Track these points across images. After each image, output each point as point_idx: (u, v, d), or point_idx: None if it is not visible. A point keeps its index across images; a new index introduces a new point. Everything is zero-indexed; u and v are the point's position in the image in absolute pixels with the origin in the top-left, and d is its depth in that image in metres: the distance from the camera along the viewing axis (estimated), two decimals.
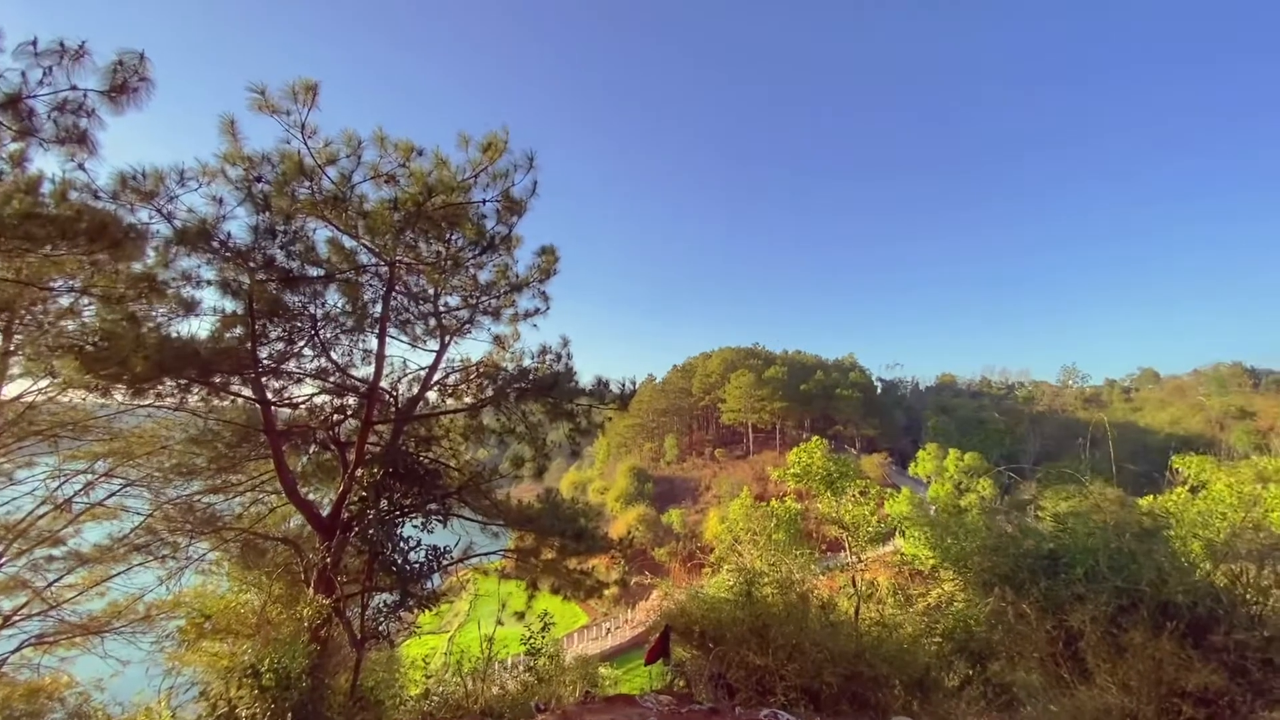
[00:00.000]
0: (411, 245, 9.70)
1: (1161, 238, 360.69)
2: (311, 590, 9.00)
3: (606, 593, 12.32)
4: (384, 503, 8.74)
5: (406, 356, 11.33)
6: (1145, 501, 17.07)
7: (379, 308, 10.12)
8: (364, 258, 9.90)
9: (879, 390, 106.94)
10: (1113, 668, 6.76)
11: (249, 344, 8.76)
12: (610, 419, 11.41)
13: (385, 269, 9.80)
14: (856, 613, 10.69)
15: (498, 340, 11.48)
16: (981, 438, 66.31)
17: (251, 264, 8.17)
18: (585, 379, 10.93)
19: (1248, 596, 7.10)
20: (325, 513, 9.58)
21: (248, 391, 9.47)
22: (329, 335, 10.18)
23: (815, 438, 25.37)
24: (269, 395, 9.82)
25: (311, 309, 9.69)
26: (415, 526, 8.58)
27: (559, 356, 11.18)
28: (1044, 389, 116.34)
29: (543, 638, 8.99)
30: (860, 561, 19.51)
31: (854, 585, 16.93)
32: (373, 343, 10.22)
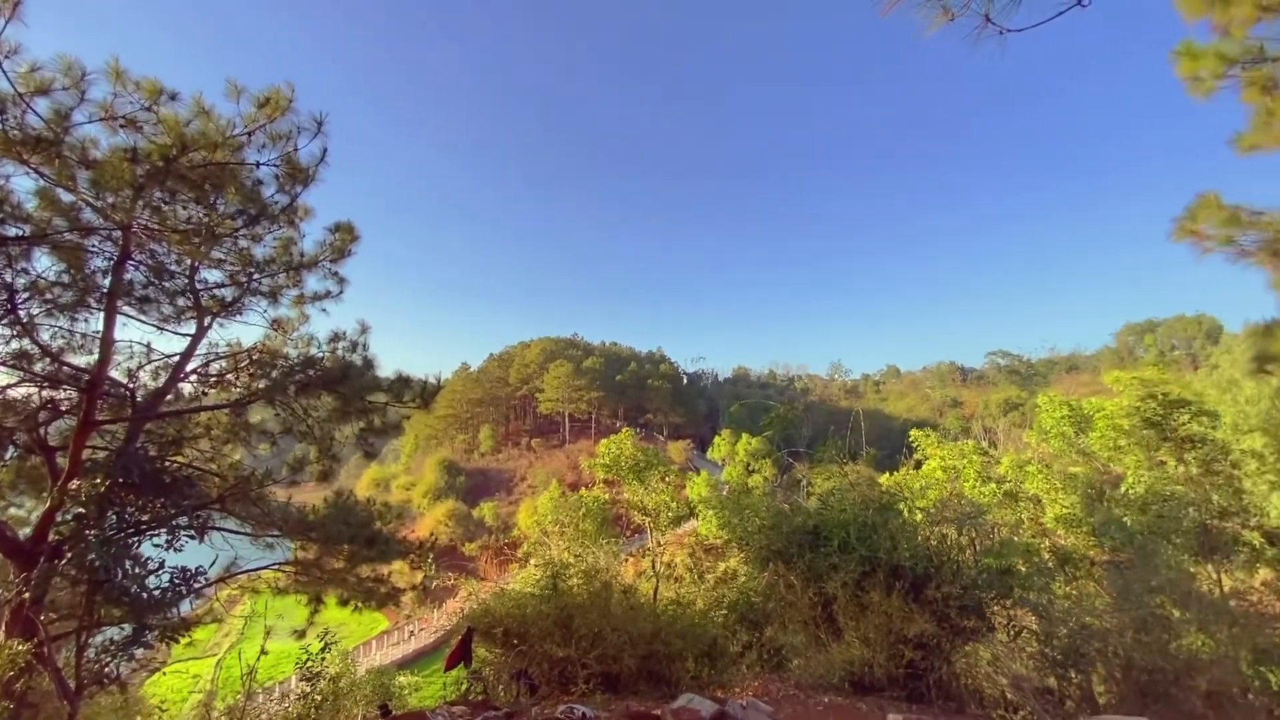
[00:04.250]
0: (158, 207, 8.03)
1: (893, 255, 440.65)
2: (2, 633, 7.11)
3: (406, 598, 11.53)
4: (114, 518, 7.15)
5: (152, 341, 9.37)
6: (884, 478, 20.64)
7: (109, 280, 8.24)
8: (91, 217, 7.95)
9: (685, 381, 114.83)
10: (857, 625, 8.05)
11: None
12: (409, 417, 10.60)
13: (119, 233, 7.98)
14: (655, 593, 11.36)
15: (277, 324, 10.01)
16: (768, 424, 74.55)
17: None
18: (389, 369, 10.06)
19: (952, 555, 8.92)
20: (28, 534, 7.60)
21: None
22: (35, 311, 8.05)
23: (626, 428, 26.47)
24: None
25: (7, 277, 7.59)
26: (157, 545, 7.15)
27: (355, 345, 10.08)
28: (816, 381, 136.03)
29: (323, 659, 8.07)
30: (660, 545, 20.85)
31: (654, 568, 18.09)
32: (99, 323, 8.28)
